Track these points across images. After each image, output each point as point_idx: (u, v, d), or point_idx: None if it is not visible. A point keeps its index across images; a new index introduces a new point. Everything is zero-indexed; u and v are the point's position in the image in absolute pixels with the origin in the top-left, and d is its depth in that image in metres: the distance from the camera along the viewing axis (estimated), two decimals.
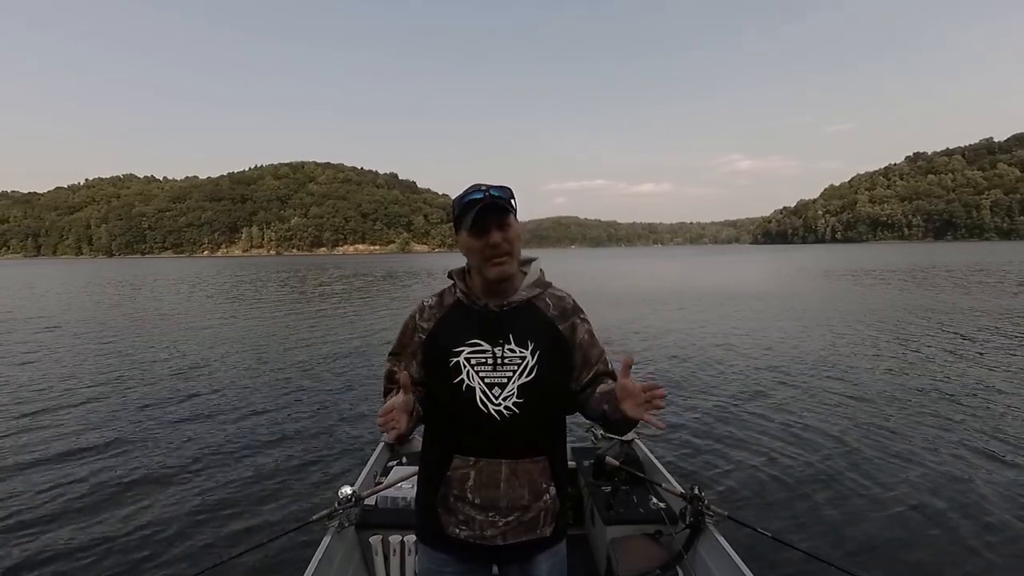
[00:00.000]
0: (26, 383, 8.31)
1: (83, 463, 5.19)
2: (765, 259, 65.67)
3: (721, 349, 10.33)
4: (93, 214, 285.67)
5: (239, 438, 5.83)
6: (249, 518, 4.02)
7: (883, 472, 4.59)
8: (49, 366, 9.60)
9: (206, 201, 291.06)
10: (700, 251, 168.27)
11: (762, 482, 4.50)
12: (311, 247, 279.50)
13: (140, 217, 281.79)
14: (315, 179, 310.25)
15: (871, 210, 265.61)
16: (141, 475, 4.83)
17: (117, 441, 5.74)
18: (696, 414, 6.40)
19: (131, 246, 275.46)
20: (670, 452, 5.05)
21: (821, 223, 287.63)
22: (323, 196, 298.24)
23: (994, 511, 3.91)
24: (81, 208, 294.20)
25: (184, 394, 7.57)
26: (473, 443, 1.39)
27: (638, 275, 38.49)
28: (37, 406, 7.05)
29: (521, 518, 1.39)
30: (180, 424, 6.28)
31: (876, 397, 6.93)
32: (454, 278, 1.50)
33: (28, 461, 5.20)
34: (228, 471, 4.88)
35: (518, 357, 1.39)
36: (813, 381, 7.76)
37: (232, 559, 2.34)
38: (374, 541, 2.55)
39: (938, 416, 6.09)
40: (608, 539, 2.59)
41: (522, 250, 1.43)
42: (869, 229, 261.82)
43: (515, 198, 1.39)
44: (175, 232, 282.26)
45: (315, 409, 6.84)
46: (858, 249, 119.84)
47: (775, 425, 5.94)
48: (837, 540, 3.61)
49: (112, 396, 7.57)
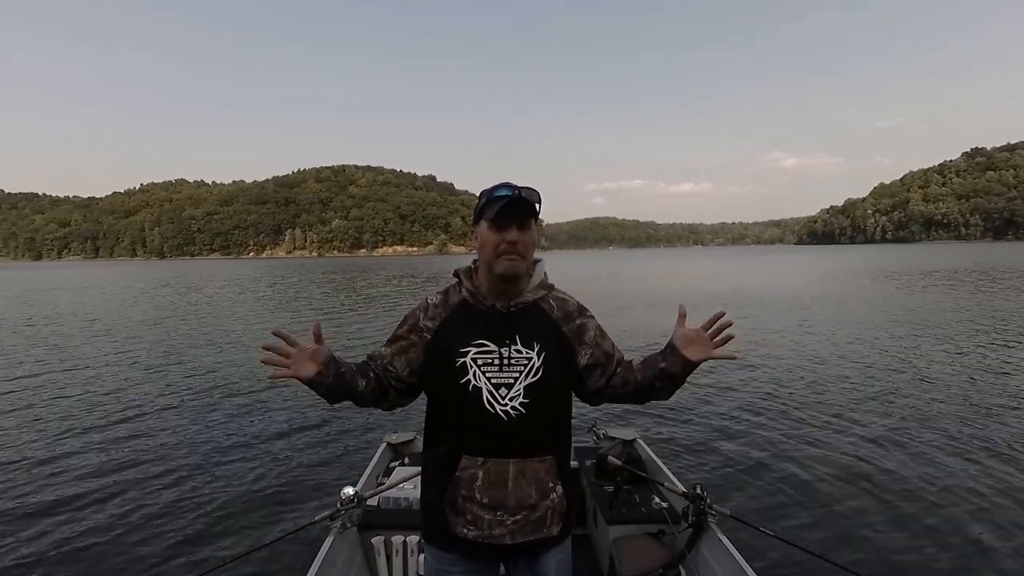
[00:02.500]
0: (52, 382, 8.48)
1: (87, 460, 5.21)
2: (804, 260, 63.61)
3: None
4: (147, 218, 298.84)
5: (241, 438, 5.80)
6: (252, 519, 4.03)
7: (887, 473, 4.56)
8: (62, 364, 9.84)
9: (252, 204, 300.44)
10: (740, 252, 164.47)
11: (765, 481, 4.48)
12: (351, 248, 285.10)
13: (190, 220, 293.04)
14: (355, 182, 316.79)
15: (924, 209, 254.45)
16: (143, 474, 4.85)
17: (118, 440, 5.76)
18: (698, 414, 6.35)
19: (181, 248, 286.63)
20: (672, 452, 5.09)
21: (871, 222, 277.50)
22: (363, 198, 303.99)
23: (999, 514, 3.86)
24: (136, 212, 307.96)
25: (186, 394, 7.58)
26: (480, 443, 1.39)
27: (661, 275, 37.76)
28: (52, 406, 7.15)
29: (529, 517, 1.40)
30: (182, 424, 6.28)
31: (882, 398, 6.77)
32: (460, 277, 1.50)
33: (23, 459, 5.20)
34: (230, 471, 4.90)
35: (524, 358, 1.40)
36: (818, 382, 7.67)
37: (235, 559, 2.31)
38: (376, 542, 2.54)
39: (947, 419, 5.92)
40: (611, 539, 2.59)
41: (540, 252, 1.45)
42: (922, 229, 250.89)
43: (541, 203, 1.39)
44: (222, 234, 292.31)
45: (318, 409, 6.75)
46: (911, 249, 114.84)
47: (777, 425, 5.88)
48: (840, 540, 3.59)
49: (121, 395, 7.62)
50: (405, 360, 1.47)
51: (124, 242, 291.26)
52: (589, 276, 40.01)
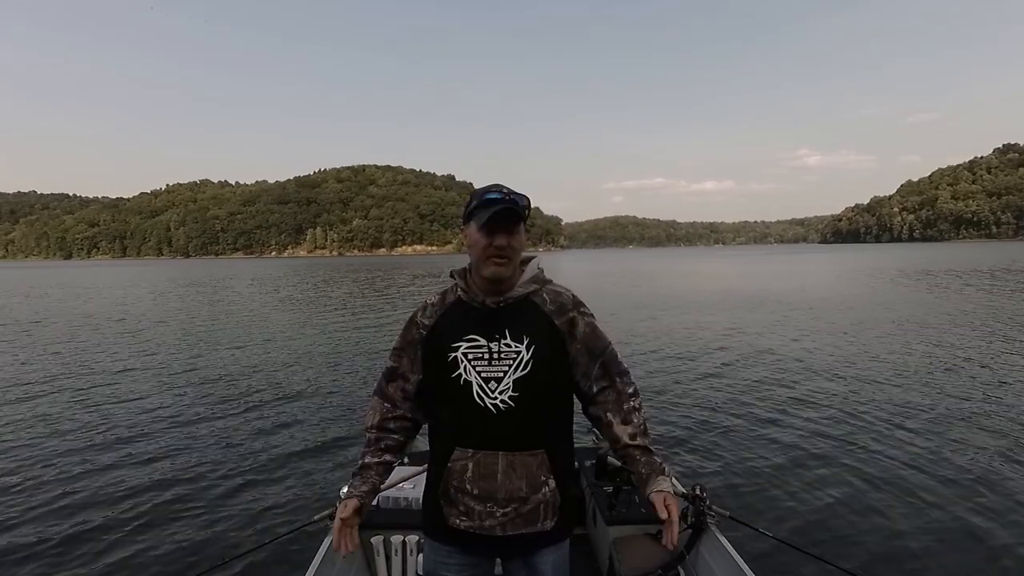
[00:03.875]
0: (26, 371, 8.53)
1: (86, 458, 5.22)
2: (823, 259, 62.57)
3: (727, 349, 10.09)
4: (172, 217, 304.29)
5: (240, 437, 5.80)
6: (250, 518, 4.03)
7: (888, 475, 4.57)
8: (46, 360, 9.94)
9: (274, 204, 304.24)
10: (761, 251, 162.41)
11: (765, 482, 4.49)
12: (371, 248, 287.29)
13: (214, 220, 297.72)
14: (375, 181, 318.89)
15: (954, 206, 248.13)
16: (141, 473, 4.87)
17: (119, 438, 5.78)
18: (699, 414, 6.26)
19: (205, 247, 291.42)
20: (672, 452, 5.11)
21: (897, 220, 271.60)
22: (383, 198, 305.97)
23: (1001, 516, 3.85)
24: (162, 212, 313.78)
25: (189, 393, 7.61)
26: (472, 436, 1.43)
27: (671, 274, 37.32)
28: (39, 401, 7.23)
29: (519, 510, 1.42)
30: (182, 423, 6.29)
31: (885, 399, 6.70)
32: (455, 277, 1.54)
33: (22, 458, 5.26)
34: (229, 470, 4.91)
35: (513, 352, 1.42)
36: (820, 383, 7.58)
37: (234, 559, 2.30)
38: (376, 541, 2.55)
39: (952, 421, 5.84)
40: (610, 539, 2.60)
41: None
42: (951, 227, 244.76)
43: (530, 208, 1.44)
44: (245, 234, 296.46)
45: (318, 409, 6.77)
46: (940, 248, 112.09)
47: (778, 426, 5.84)
48: (840, 541, 3.59)
49: (122, 392, 7.73)
50: (408, 362, 1.54)
51: (150, 241, 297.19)
52: (589, 272, 39.69)
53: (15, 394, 7.65)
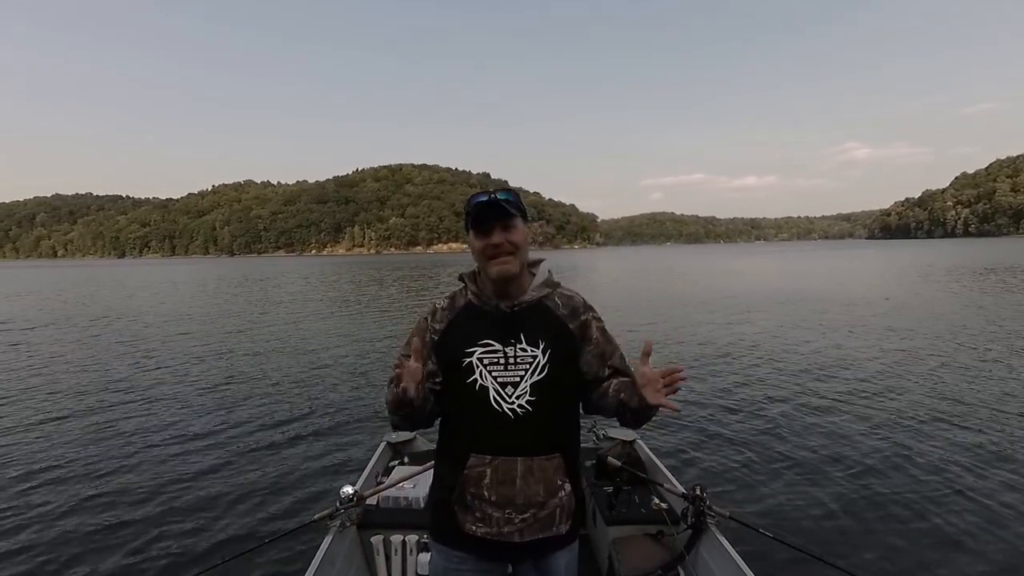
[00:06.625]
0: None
1: (83, 456, 5.26)
2: (870, 255, 59.89)
3: (726, 350, 9.90)
4: (218, 217, 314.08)
5: (241, 436, 5.80)
6: (251, 517, 4.04)
7: (888, 475, 4.58)
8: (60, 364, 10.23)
9: (313, 203, 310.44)
10: (802, 248, 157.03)
11: (764, 482, 4.50)
12: (407, 246, 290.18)
13: (257, 219, 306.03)
14: (412, 180, 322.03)
15: (1013, 200, 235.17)
16: (141, 472, 4.86)
17: (119, 438, 5.83)
18: (699, 414, 6.24)
19: (249, 246, 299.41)
20: (672, 452, 5.11)
21: (951, 215, 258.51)
22: (419, 196, 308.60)
23: (1003, 518, 3.86)
24: (208, 212, 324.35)
25: (189, 394, 7.64)
26: (488, 441, 1.41)
27: (686, 274, 36.40)
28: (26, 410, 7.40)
29: (537, 515, 1.41)
30: (182, 422, 6.32)
31: (885, 399, 6.65)
32: (465, 280, 1.53)
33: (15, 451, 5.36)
34: (229, 469, 4.91)
35: (530, 356, 1.42)
36: (821, 384, 7.52)
37: (234, 558, 2.41)
38: (375, 541, 2.54)
39: (956, 423, 5.80)
40: (610, 539, 2.59)
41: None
42: (1010, 221, 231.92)
43: (523, 203, 1.44)
44: (286, 232, 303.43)
45: (318, 408, 6.73)
46: (997, 244, 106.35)
47: (778, 426, 5.83)
48: (839, 541, 3.61)
49: (123, 389, 7.85)
50: (429, 365, 1.50)
51: (197, 240, 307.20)
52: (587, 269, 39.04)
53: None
